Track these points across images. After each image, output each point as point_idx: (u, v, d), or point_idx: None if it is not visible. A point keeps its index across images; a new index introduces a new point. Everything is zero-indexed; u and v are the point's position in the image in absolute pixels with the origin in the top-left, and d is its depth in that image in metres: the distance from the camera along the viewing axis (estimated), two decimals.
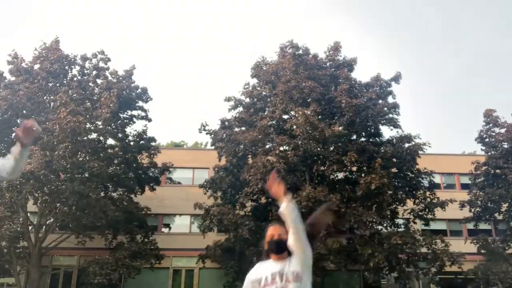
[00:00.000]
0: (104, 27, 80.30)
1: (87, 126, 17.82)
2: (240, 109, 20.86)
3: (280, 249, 2.87)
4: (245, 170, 17.41)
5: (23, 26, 74.86)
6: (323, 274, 16.78)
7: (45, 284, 21.57)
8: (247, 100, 20.92)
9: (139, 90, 20.96)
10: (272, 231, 2.94)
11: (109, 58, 20.98)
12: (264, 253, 3.03)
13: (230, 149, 18.96)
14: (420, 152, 18.47)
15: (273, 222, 3.04)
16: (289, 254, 2.86)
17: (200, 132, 20.80)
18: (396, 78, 20.09)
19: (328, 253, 16.13)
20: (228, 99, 20.94)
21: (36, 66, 19.83)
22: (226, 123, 20.47)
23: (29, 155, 13.62)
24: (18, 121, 18.77)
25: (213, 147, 21.25)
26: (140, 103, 21.19)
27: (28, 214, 18.87)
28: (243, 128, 19.88)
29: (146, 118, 21.30)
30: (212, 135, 20.44)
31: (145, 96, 21.15)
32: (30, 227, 18.75)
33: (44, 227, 19.04)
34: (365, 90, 19.65)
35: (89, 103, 18.94)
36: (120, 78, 20.59)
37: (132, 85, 20.80)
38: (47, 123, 16.80)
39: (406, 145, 18.77)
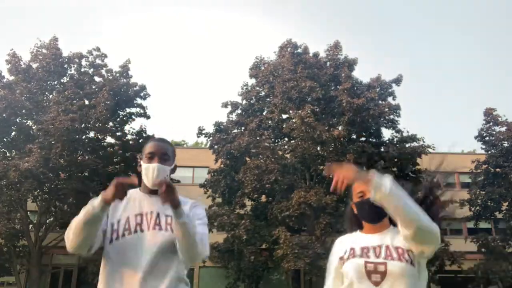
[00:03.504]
0: (104, 27, 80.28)
1: (82, 125, 17.78)
2: (238, 111, 20.86)
3: (378, 213, 1.92)
4: (241, 171, 17.48)
5: (21, 25, 74.83)
6: (321, 274, 16.77)
7: (45, 283, 21.56)
8: (245, 102, 20.92)
9: (137, 87, 20.92)
10: (361, 186, 1.97)
11: (105, 55, 20.93)
12: (348, 223, 2.17)
13: (226, 151, 18.99)
14: (422, 154, 18.46)
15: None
16: (392, 223, 2.00)
17: (198, 137, 20.86)
18: (397, 80, 20.08)
19: (326, 252, 16.12)
20: (225, 105, 20.92)
21: (35, 65, 19.82)
22: (222, 126, 20.46)
23: (27, 154, 13.42)
24: (17, 120, 18.79)
25: (211, 150, 21.30)
26: (139, 101, 21.17)
27: (28, 213, 18.88)
28: (239, 130, 19.89)
29: (145, 116, 21.25)
30: (210, 138, 20.47)
31: (143, 93, 21.09)
32: (30, 226, 18.77)
33: (44, 225, 19.05)
34: (366, 91, 19.64)
35: (86, 102, 18.92)
36: (117, 76, 20.55)
37: (130, 82, 20.77)
38: (44, 123, 16.80)
39: (408, 145, 18.76)
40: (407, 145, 18.80)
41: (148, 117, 21.29)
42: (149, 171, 2.02)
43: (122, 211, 2.03)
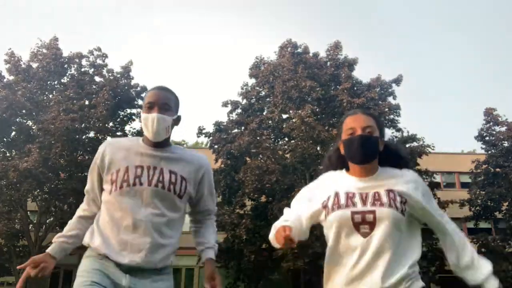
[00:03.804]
0: (104, 27, 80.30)
1: (82, 125, 17.79)
2: (239, 110, 20.86)
3: (368, 152, 1.71)
4: (242, 171, 17.49)
5: (22, 25, 74.82)
6: (321, 273, 16.76)
7: (45, 283, 21.55)
8: (245, 101, 20.92)
9: (139, 88, 20.93)
10: (353, 122, 1.76)
11: (106, 55, 20.93)
12: (330, 166, 1.91)
13: (226, 151, 18.99)
14: (423, 154, 18.47)
15: (352, 112, 1.85)
16: (383, 164, 1.77)
17: (198, 136, 20.85)
18: (397, 80, 20.08)
19: (324, 251, 16.12)
20: (225, 104, 20.93)
21: (35, 65, 19.81)
22: (222, 126, 20.46)
23: (26, 154, 13.48)
24: (17, 120, 18.79)
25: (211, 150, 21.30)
26: (140, 102, 21.17)
27: (28, 213, 18.88)
28: (239, 130, 19.90)
29: None
30: (210, 138, 20.47)
31: (145, 94, 21.11)
32: (30, 226, 18.77)
33: (44, 225, 19.05)
34: (366, 91, 19.65)
35: (87, 101, 18.93)
36: (118, 76, 20.56)
37: (131, 82, 20.77)
38: (44, 122, 16.81)
39: (408, 145, 18.77)
40: (407, 145, 18.80)
41: None
42: (149, 121, 1.89)
43: (121, 160, 1.90)
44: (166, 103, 1.94)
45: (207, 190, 2.07)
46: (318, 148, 17.47)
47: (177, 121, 2.01)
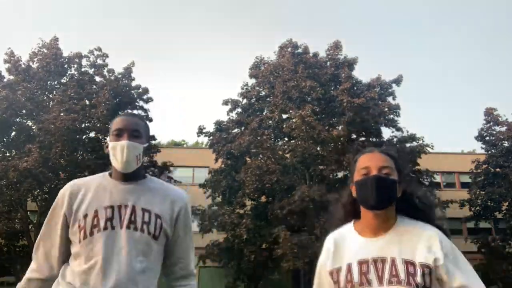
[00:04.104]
0: (104, 27, 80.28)
1: (83, 125, 17.80)
2: (239, 110, 20.87)
3: (385, 195, 1.50)
4: (242, 171, 17.49)
5: (20, 25, 74.84)
6: None
7: None
8: (245, 101, 20.93)
9: (140, 89, 20.93)
10: (367, 162, 1.56)
11: (106, 55, 20.93)
12: (341, 212, 1.71)
13: (226, 151, 19.00)
14: (422, 154, 18.47)
15: (368, 150, 1.65)
16: (402, 212, 1.58)
17: (199, 136, 20.86)
18: (397, 80, 20.08)
19: None
20: (225, 103, 20.94)
21: (35, 65, 19.81)
22: (222, 125, 20.46)
23: (26, 154, 13.49)
24: (17, 120, 18.79)
25: (211, 150, 21.31)
26: (141, 103, 21.19)
27: (28, 213, 18.88)
28: (239, 130, 19.90)
29: (147, 119, 21.26)
30: (211, 137, 20.47)
31: (146, 96, 21.13)
32: (30, 226, 18.77)
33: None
34: (366, 91, 19.64)
35: (87, 101, 18.93)
36: (120, 76, 20.56)
37: (133, 83, 20.77)
38: (45, 122, 16.81)
39: (408, 145, 18.77)
40: (407, 145, 18.81)
41: (150, 120, 21.33)
42: (117, 150, 1.69)
43: (89, 203, 1.69)
44: (136, 129, 1.75)
45: (183, 231, 1.81)
46: (318, 148, 17.48)
47: (147, 150, 1.80)
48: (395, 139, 19.21)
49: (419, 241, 1.49)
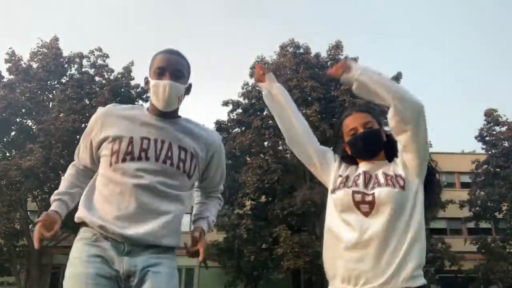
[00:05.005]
0: (105, 27, 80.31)
1: (83, 125, 17.81)
2: (239, 110, 20.87)
3: (373, 146, 1.78)
4: (243, 171, 17.48)
5: (20, 25, 74.79)
6: (321, 273, 16.78)
7: (45, 283, 21.56)
8: (246, 101, 20.93)
9: (140, 89, 20.93)
10: (352, 122, 1.84)
11: (107, 55, 20.93)
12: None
13: (227, 150, 19.02)
14: None
15: (348, 112, 1.95)
16: (390, 155, 1.79)
17: None
18: (397, 79, 20.08)
19: None
20: (226, 103, 20.94)
21: (35, 65, 19.82)
22: (223, 125, 20.46)
23: (28, 153, 13.54)
24: (17, 120, 18.80)
25: None
26: (140, 102, 21.17)
27: (28, 213, 18.88)
28: (240, 129, 19.90)
29: None
30: None
31: (146, 96, 21.13)
32: (30, 226, 18.78)
33: None
34: None
35: (87, 101, 18.94)
36: (119, 76, 20.57)
37: (132, 83, 20.77)
38: (45, 123, 16.83)
39: None
40: None
41: None
42: (159, 89, 1.66)
43: (124, 130, 1.68)
44: (179, 69, 1.72)
45: (217, 170, 1.87)
46: None
47: (188, 90, 1.80)
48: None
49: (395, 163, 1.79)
